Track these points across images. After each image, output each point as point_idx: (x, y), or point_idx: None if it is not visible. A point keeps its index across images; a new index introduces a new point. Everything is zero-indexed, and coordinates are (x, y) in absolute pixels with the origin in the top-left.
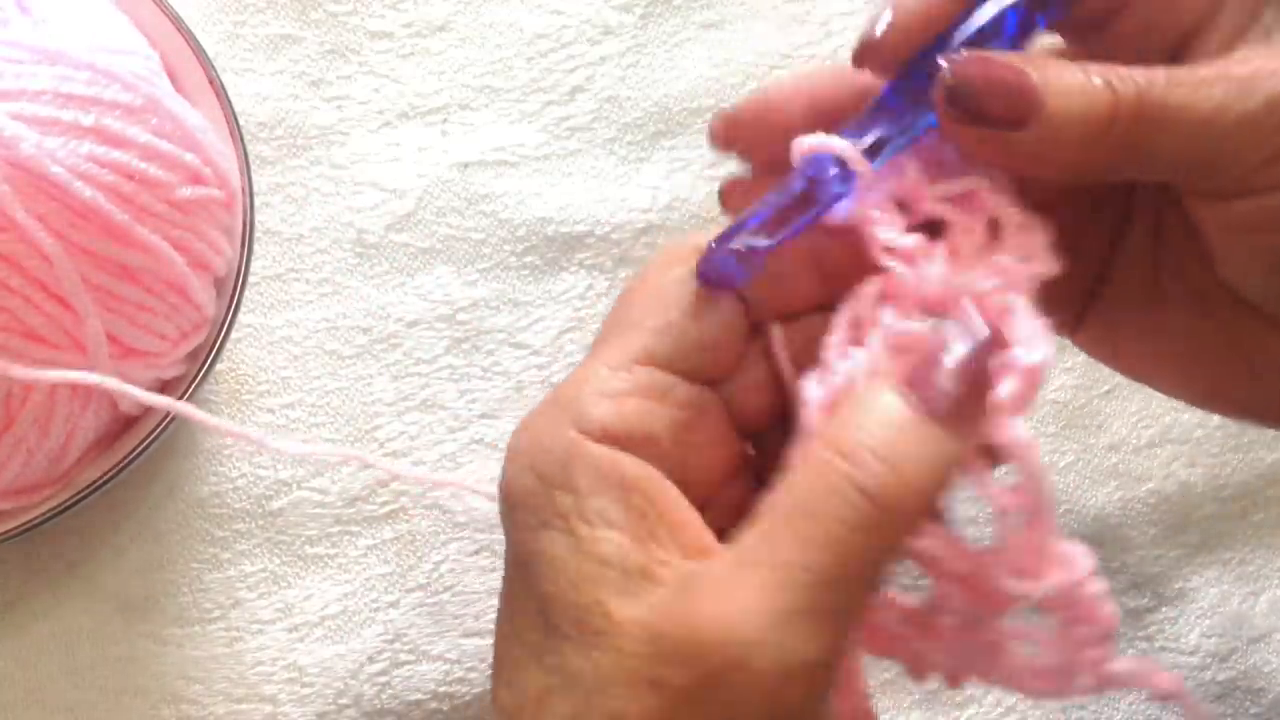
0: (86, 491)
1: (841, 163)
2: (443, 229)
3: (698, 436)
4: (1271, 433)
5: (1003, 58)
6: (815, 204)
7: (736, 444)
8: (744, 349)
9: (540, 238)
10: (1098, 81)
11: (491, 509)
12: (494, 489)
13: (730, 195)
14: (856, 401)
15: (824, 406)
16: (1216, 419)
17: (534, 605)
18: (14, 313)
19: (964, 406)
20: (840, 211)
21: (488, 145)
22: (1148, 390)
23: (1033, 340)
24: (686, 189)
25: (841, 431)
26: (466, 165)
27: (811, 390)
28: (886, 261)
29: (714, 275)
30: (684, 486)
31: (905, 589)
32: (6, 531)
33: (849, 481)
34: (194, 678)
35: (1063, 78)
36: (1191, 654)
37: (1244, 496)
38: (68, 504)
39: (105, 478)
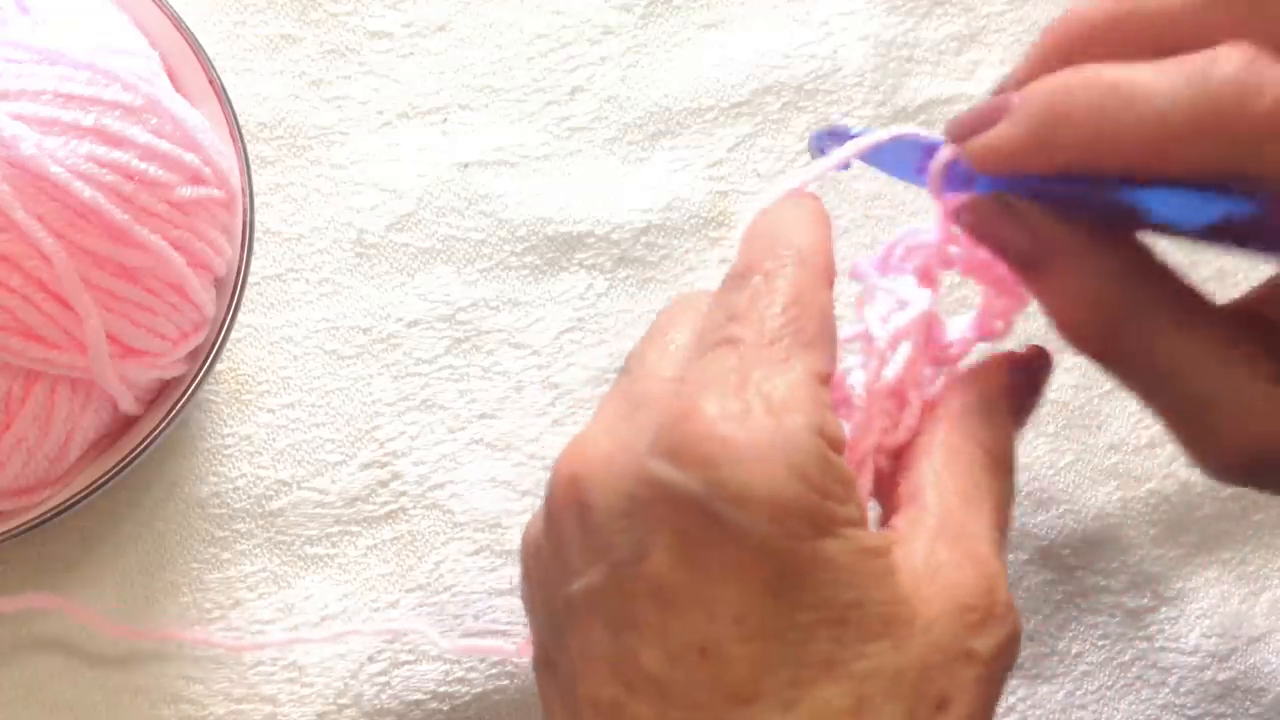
0: (86, 491)
1: None
2: (443, 229)
3: None
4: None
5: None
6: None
7: None
8: None
9: (540, 238)
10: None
11: (493, 509)
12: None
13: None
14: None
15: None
16: None
17: (816, 617)
18: (14, 312)
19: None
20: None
21: (488, 145)
22: None
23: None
24: (686, 189)
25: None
26: (466, 165)
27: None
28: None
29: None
30: None
31: None
32: (6, 531)
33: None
34: (194, 678)
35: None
36: (1191, 654)
37: (1244, 496)
38: (68, 504)
39: (105, 478)
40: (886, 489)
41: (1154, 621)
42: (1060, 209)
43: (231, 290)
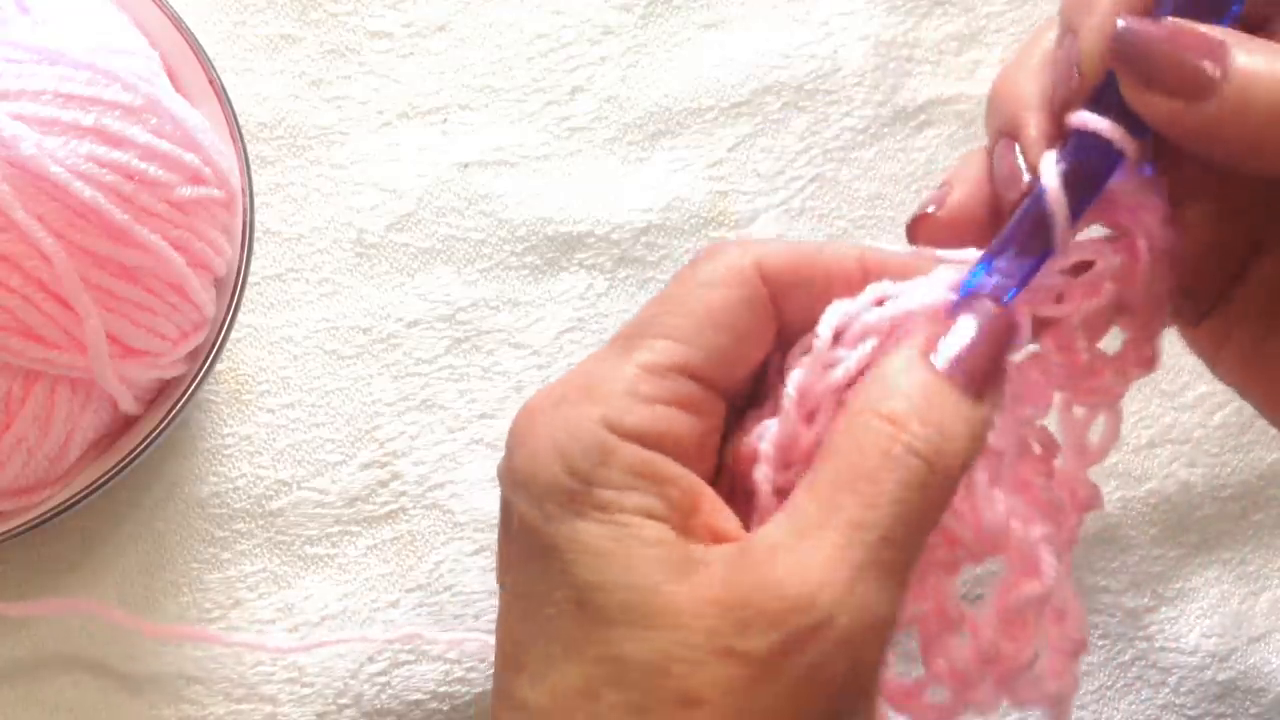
0: (86, 491)
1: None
2: (443, 229)
3: (715, 443)
4: (1272, 432)
5: (1192, 27)
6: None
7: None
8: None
9: (540, 238)
10: None
11: (493, 509)
12: None
13: (919, 228)
14: (885, 372)
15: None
16: (1217, 419)
17: (566, 595)
18: (14, 312)
19: (986, 375)
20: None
21: (488, 145)
22: (1148, 390)
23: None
24: (686, 189)
25: (882, 400)
26: (466, 165)
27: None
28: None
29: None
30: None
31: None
32: (6, 531)
33: (902, 445)
34: (194, 678)
35: (1255, 52)
36: (1191, 654)
37: (1244, 496)
38: (68, 504)
39: (105, 478)
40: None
41: (1154, 621)
42: None
43: (231, 290)
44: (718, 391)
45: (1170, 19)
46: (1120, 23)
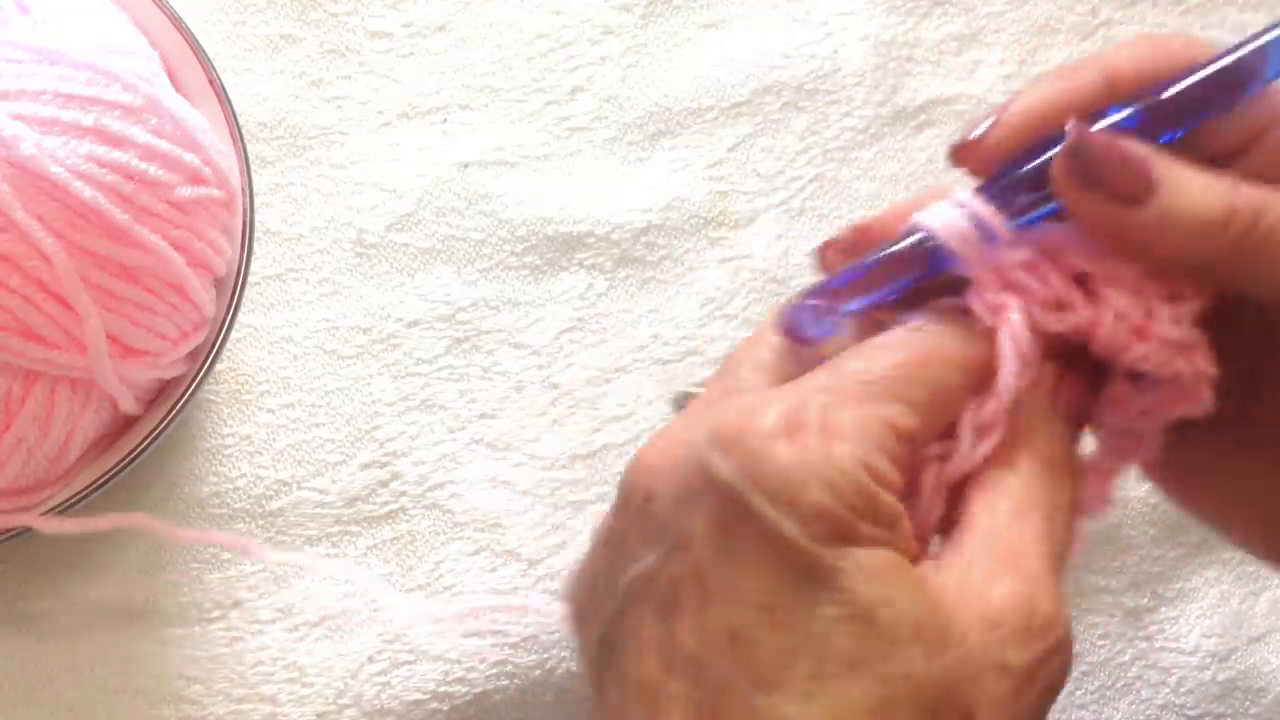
0: (86, 491)
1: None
2: (443, 229)
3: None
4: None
5: (1129, 140)
6: (923, 267)
7: None
8: None
9: (540, 238)
10: (1218, 186)
11: (493, 509)
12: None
13: (827, 256)
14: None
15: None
16: None
17: (843, 612)
18: (14, 312)
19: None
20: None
21: (488, 145)
22: None
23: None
24: (686, 189)
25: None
26: (466, 165)
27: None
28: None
29: (793, 330)
30: None
31: None
32: (7, 531)
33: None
34: (194, 678)
35: (1184, 171)
36: (1191, 654)
37: None
38: (68, 504)
39: (105, 478)
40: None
41: (1154, 621)
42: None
43: (231, 290)
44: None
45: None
46: (1069, 128)
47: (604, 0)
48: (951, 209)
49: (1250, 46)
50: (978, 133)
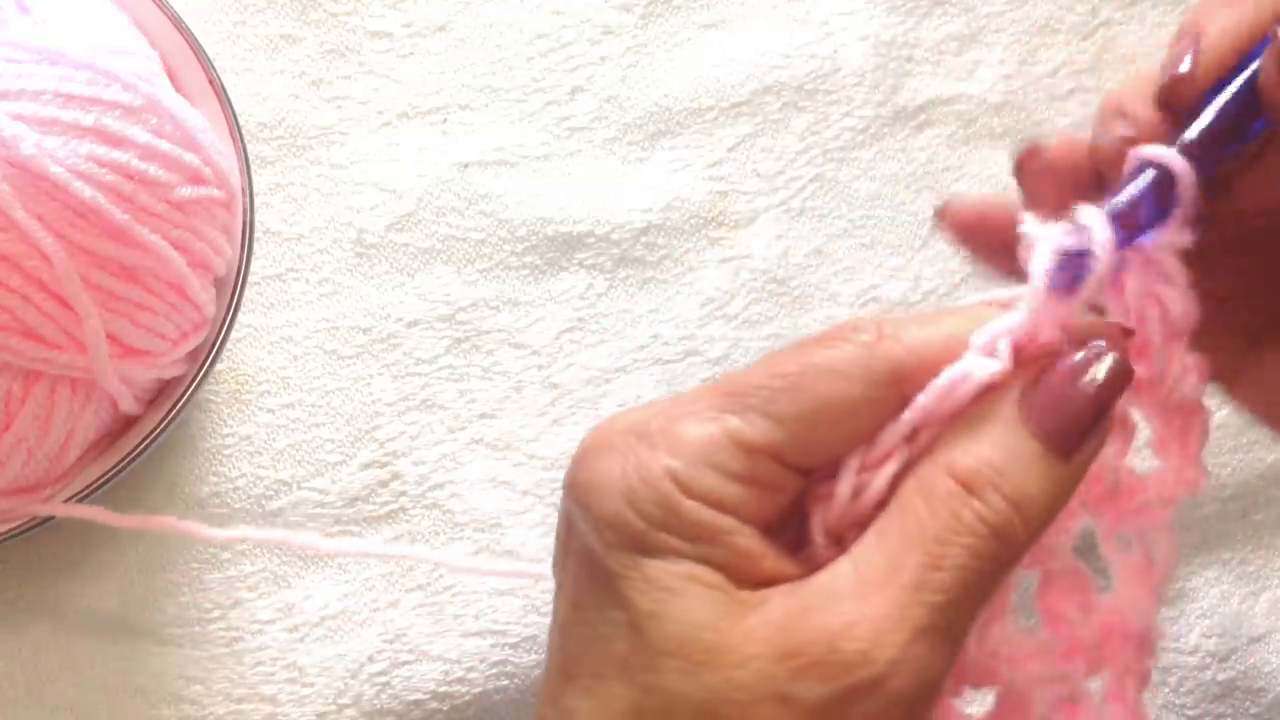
0: (86, 491)
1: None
2: (443, 229)
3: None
4: (1272, 432)
5: None
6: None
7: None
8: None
9: (540, 238)
10: None
11: (493, 509)
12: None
13: (1025, 165)
14: (971, 418)
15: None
16: (1217, 419)
17: (622, 618)
18: (14, 312)
19: (1088, 438)
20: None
21: (488, 145)
22: None
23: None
24: (686, 189)
25: (962, 459)
26: (466, 165)
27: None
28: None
29: (1064, 279)
30: None
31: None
32: (6, 531)
33: (973, 513)
34: (194, 678)
35: None
36: (1191, 654)
37: (1244, 496)
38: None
39: (105, 478)
40: None
41: None
42: None
43: (231, 290)
44: (802, 471)
45: None
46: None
47: (604, 0)
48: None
49: None
50: (1184, 68)
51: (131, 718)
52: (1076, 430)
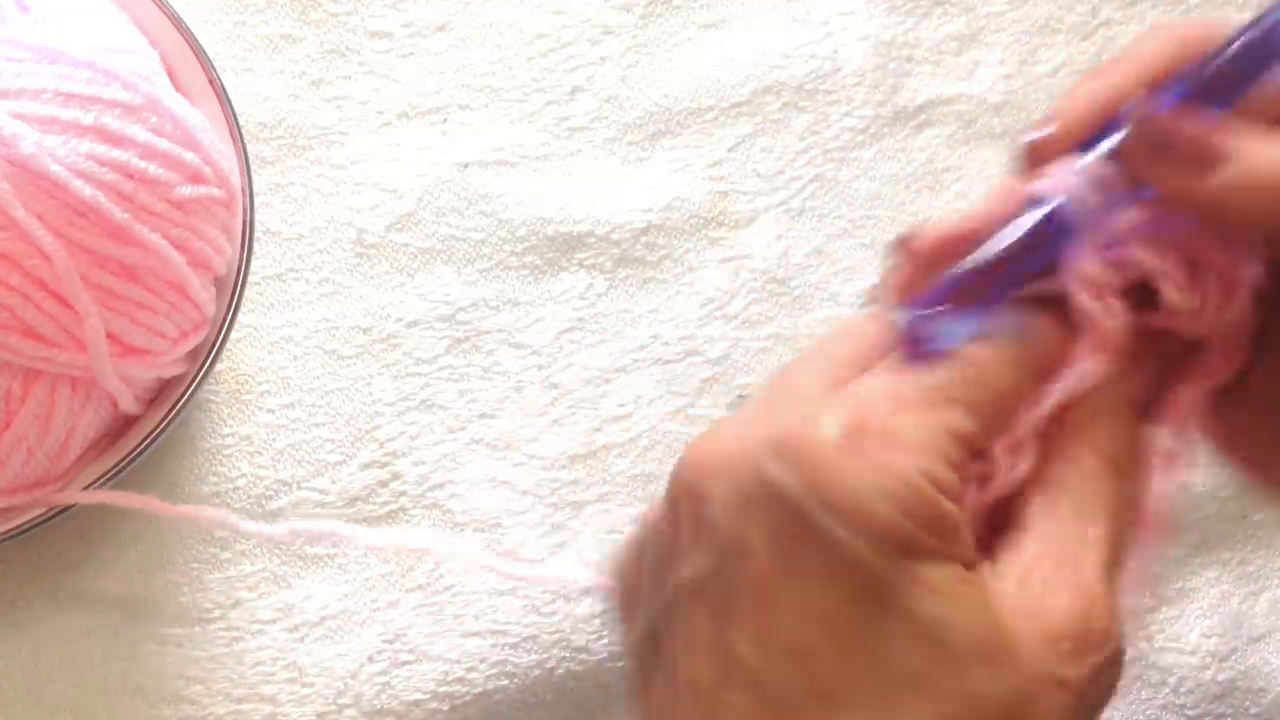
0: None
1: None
2: (443, 229)
3: None
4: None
5: (1196, 108)
6: (1047, 246)
7: None
8: None
9: (540, 238)
10: None
11: (493, 509)
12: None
13: (1035, 155)
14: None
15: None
16: None
17: (909, 629)
18: (13, 311)
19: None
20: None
21: (488, 145)
22: None
23: None
24: (686, 189)
25: (1108, 443)
26: (466, 165)
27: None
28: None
29: (918, 344)
30: None
31: None
32: (7, 531)
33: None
34: (194, 678)
35: (1256, 137)
36: (1191, 654)
37: (1244, 496)
38: (68, 504)
39: (105, 477)
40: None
41: (1154, 621)
42: None
43: (231, 290)
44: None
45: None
46: (1137, 109)
47: (604, 0)
48: (1070, 174)
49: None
50: (1045, 132)
51: (131, 718)
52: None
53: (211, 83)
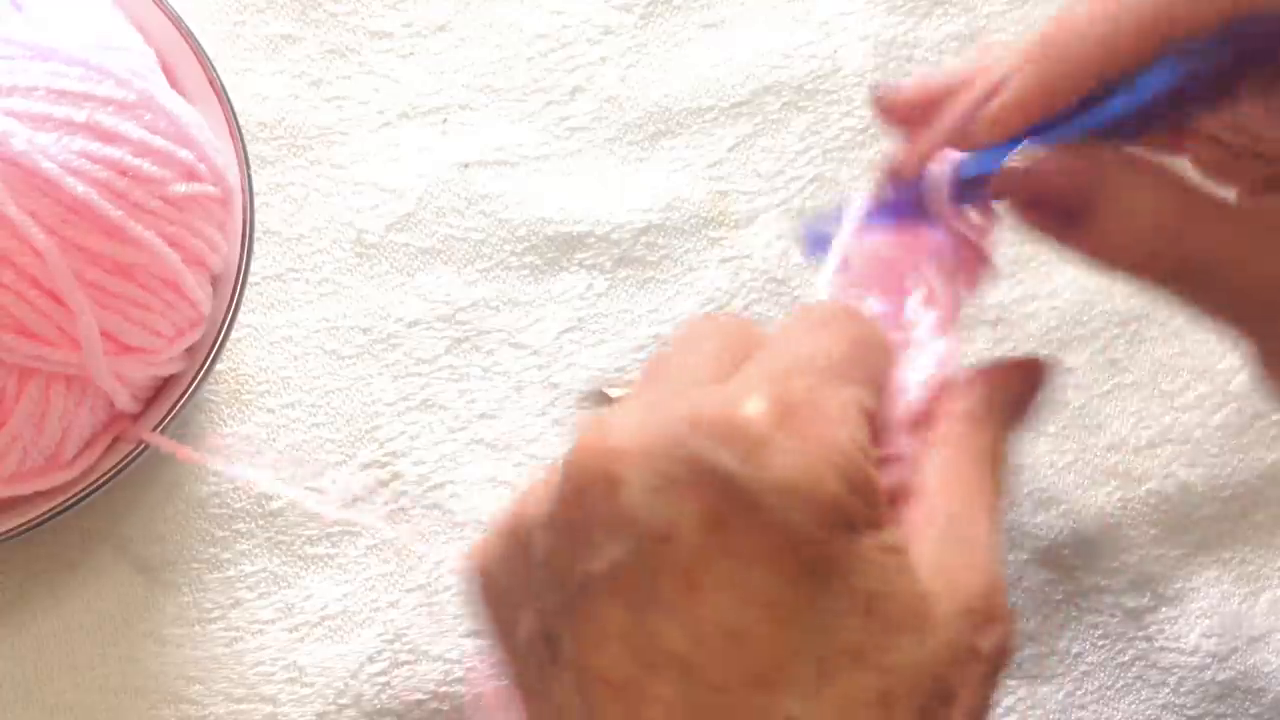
0: (85, 491)
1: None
2: (443, 229)
3: None
4: (1272, 432)
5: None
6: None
7: None
8: None
9: (540, 238)
10: (1167, 203)
11: (491, 510)
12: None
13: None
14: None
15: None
16: (1217, 419)
17: (847, 604)
18: (7, 309)
19: None
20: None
21: (488, 145)
22: (1147, 390)
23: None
24: (686, 189)
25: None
26: (466, 165)
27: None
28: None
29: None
30: None
31: None
32: (6, 531)
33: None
34: (194, 678)
35: (1130, 186)
36: (1191, 654)
37: (1244, 496)
38: (65, 503)
39: (105, 478)
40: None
41: (1154, 621)
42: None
43: (231, 290)
44: None
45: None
46: (1007, 162)
47: (604, 0)
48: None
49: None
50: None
51: (131, 718)
52: None
53: (211, 82)
